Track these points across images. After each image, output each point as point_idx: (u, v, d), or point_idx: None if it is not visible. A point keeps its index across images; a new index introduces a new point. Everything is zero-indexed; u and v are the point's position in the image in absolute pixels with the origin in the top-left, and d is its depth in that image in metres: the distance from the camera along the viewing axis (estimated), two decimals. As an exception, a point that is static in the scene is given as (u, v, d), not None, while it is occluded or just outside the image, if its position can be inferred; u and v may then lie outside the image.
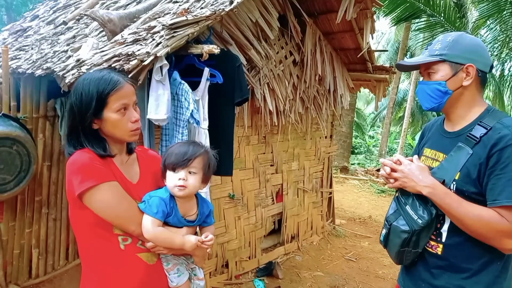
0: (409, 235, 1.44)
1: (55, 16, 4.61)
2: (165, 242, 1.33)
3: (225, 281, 3.79)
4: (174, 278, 1.43)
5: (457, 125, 1.48)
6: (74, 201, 1.28)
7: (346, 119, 10.06)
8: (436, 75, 1.46)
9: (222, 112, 2.75)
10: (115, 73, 1.36)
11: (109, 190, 1.27)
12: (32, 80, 3.05)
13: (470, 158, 1.35)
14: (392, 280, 4.18)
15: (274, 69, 3.70)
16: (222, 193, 3.71)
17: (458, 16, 7.76)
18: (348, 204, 7.31)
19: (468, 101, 1.45)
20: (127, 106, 1.33)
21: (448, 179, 1.40)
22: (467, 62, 1.40)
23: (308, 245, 4.92)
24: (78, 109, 1.29)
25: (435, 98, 1.47)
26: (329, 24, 4.18)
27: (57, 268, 3.46)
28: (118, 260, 1.33)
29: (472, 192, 1.35)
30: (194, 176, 1.36)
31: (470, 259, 1.39)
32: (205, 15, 2.30)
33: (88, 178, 1.23)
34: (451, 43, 1.43)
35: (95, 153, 1.30)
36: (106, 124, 1.31)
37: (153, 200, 1.33)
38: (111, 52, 2.26)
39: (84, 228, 1.34)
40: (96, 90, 1.28)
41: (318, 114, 4.52)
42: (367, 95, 23.78)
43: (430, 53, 1.48)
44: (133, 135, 1.36)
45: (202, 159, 1.38)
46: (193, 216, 1.45)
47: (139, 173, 1.45)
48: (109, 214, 1.27)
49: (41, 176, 3.22)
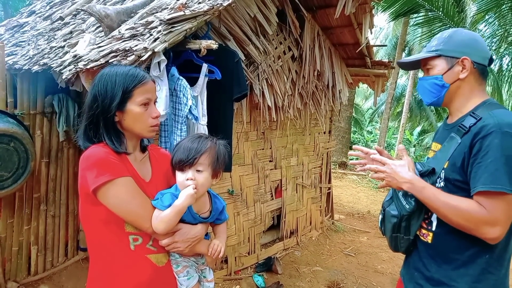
0: (398, 220, 1.51)
1: (52, 12, 4.57)
2: (173, 218, 1.28)
3: (224, 276, 3.80)
4: (183, 281, 1.42)
5: (455, 117, 1.52)
6: (87, 197, 1.27)
7: (345, 115, 10.06)
8: (433, 70, 1.51)
9: (221, 108, 2.74)
10: (140, 69, 1.38)
11: (124, 186, 1.26)
12: (29, 76, 3.03)
13: (458, 147, 1.39)
14: (391, 275, 4.19)
15: (272, 64, 3.69)
16: (221, 189, 3.71)
17: (456, 11, 7.73)
18: (347, 199, 7.33)
19: (465, 93, 1.48)
20: (149, 101, 1.35)
21: (438, 167, 1.45)
22: (462, 55, 1.44)
23: (307, 240, 4.93)
24: (103, 99, 1.28)
25: (434, 93, 1.52)
26: (328, 19, 4.17)
27: (56, 265, 3.46)
28: (127, 260, 1.32)
29: (457, 180, 1.38)
30: (202, 174, 1.34)
31: (458, 250, 1.40)
32: (203, 10, 2.28)
33: (104, 173, 1.22)
34: (447, 39, 1.49)
35: (111, 148, 1.29)
36: (127, 117, 1.32)
37: (166, 196, 1.33)
38: (108, 47, 2.24)
39: (95, 225, 1.33)
40: (123, 82, 1.29)
41: (316, 109, 4.51)
42: (365, 90, 23.78)
43: (428, 50, 1.54)
44: (151, 131, 1.37)
45: (208, 156, 1.34)
46: (207, 213, 1.44)
47: (151, 172, 1.45)
48: (123, 209, 1.26)
49: (39, 173, 3.21)
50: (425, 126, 20.83)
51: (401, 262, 4.85)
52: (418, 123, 21.43)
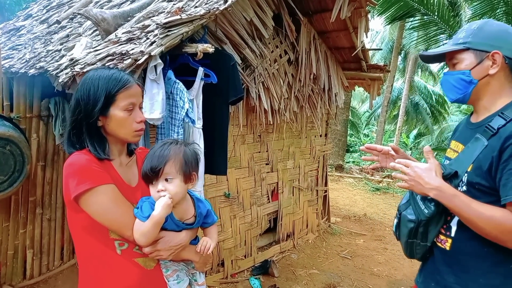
0: (415, 225, 1.40)
1: (49, 15, 4.58)
2: (152, 230, 1.24)
3: (221, 280, 3.80)
4: (173, 285, 1.39)
5: (481, 116, 1.40)
6: (71, 204, 1.26)
7: (341, 118, 10.09)
8: (460, 64, 1.39)
9: (217, 111, 2.75)
10: (124, 73, 1.36)
11: (106, 194, 1.24)
12: (25, 80, 3.03)
13: (484, 150, 1.28)
14: (387, 277, 4.21)
15: (269, 68, 3.71)
16: (217, 192, 3.71)
17: (452, 15, 7.79)
18: (343, 202, 7.34)
19: (494, 91, 1.36)
20: (134, 106, 1.32)
21: (461, 170, 1.34)
22: (493, 49, 1.32)
23: (304, 243, 4.93)
24: (85, 104, 1.26)
25: (460, 89, 1.40)
26: (324, 23, 4.19)
27: (52, 268, 3.45)
28: (115, 265, 1.30)
29: (481, 185, 1.28)
30: (172, 182, 1.27)
31: (478, 258, 1.31)
32: (200, 14, 2.29)
33: (84, 181, 1.21)
34: (476, 30, 1.36)
35: (93, 155, 1.27)
36: (111, 122, 1.29)
37: (145, 205, 1.28)
38: (105, 51, 2.25)
39: (80, 231, 1.32)
40: (106, 86, 1.27)
41: (313, 112, 4.53)
42: (362, 93, 23.86)
43: (454, 42, 1.41)
44: (136, 136, 1.35)
45: (173, 163, 1.27)
46: (191, 219, 1.39)
47: (138, 176, 1.42)
48: (105, 218, 1.24)
49: (35, 176, 3.20)
50: (421, 129, 20.93)
51: (397, 265, 4.86)
52: (414, 126, 21.53)
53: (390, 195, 8.28)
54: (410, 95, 18.01)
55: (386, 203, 7.57)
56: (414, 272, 4.30)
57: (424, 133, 20.69)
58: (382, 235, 5.58)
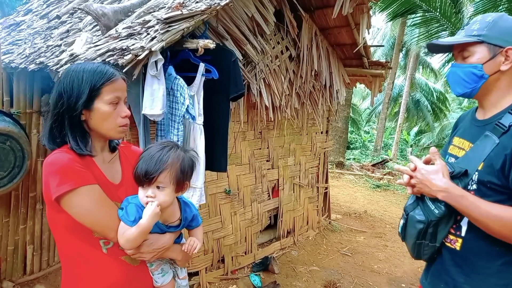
0: (425, 226, 1.37)
1: (49, 10, 4.56)
2: (139, 237, 1.23)
3: (221, 276, 3.80)
4: (158, 278, 1.41)
5: (488, 112, 1.37)
6: (52, 204, 1.21)
7: (342, 115, 10.07)
8: (472, 57, 1.34)
9: (217, 107, 2.73)
10: (110, 66, 1.32)
11: (88, 195, 1.19)
12: (25, 75, 3.02)
13: (495, 148, 1.25)
14: (387, 274, 4.21)
15: (270, 64, 3.69)
16: (218, 189, 3.71)
17: (454, 12, 7.76)
18: (344, 199, 7.34)
19: (503, 87, 1.34)
20: (119, 100, 1.28)
21: (471, 169, 1.31)
22: (508, 45, 1.28)
23: (304, 240, 4.94)
24: (68, 97, 1.22)
25: (469, 83, 1.36)
26: (325, 19, 4.17)
27: (52, 264, 3.45)
28: (101, 263, 1.28)
29: (494, 184, 1.25)
30: (164, 190, 1.24)
31: (489, 257, 1.29)
32: (200, 10, 2.28)
33: (66, 181, 1.15)
34: (491, 24, 1.31)
35: (75, 152, 1.22)
36: (94, 116, 1.24)
37: (130, 208, 1.25)
38: (105, 46, 2.24)
39: (63, 232, 1.27)
40: (91, 79, 1.22)
41: (314, 109, 4.51)
42: (362, 90, 23.83)
43: (467, 33, 1.35)
44: (120, 131, 1.30)
45: (169, 173, 1.23)
46: (177, 222, 1.37)
47: (121, 173, 1.38)
48: (87, 220, 1.20)
49: (35, 172, 3.20)
50: (422, 126, 20.93)
51: (398, 262, 4.86)
52: (415, 123, 21.53)
53: (390, 192, 8.28)
54: (411, 92, 17.99)
55: (387, 200, 7.57)
56: (414, 269, 4.33)
57: (425, 130, 20.69)
58: (382, 232, 5.58)
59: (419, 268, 4.29)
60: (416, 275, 4.20)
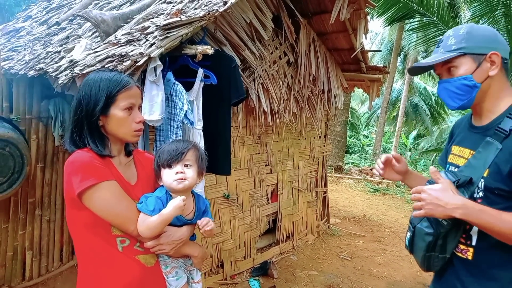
0: (434, 238, 1.34)
1: (48, 17, 4.58)
2: (159, 226, 1.31)
3: (220, 281, 3.80)
4: (172, 282, 1.43)
5: (485, 118, 1.37)
6: (72, 201, 1.28)
7: (340, 119, 10.10)
8: (459, 70, 1.35)
9: (219, 112, 2.75)
10: (125, 75, 1.43)
11: (109, 189, 1.28)
12: (25, 81, 3.04)
13: (499, 153, 1.25)
14: (386, 279, 4.21)
15: (268, 69, 3.71)
16: (217, 193, 3.71)
17: (451, 16, 7.80)
18: (343, 203, 7.34)
19: (496, 92, 1.35)
20: (133, 106, 1.38)
21: (475, 177, 1.29)
22: (489, 50, 1.31)
23: (303, 244, 4.93)
24: (87, 104, 1.32)
25: (463, 95, 1.35)
26: (323, 24, 4.20)
27: (51, 270, 3.44)
28: (116, 262, 1.33)
29: (502, 190, 1.24)
30: (191, 168, 1.41)
31: (503, 265, 1.27)
32: (199, 16, 2.30)
33: (88, 177, 1.24)
34: (466, 35, 1.34)
35: (95, 152, 1.32)
36: (111, 121, 1.34)
37: (150, 200, 1.35)
38: (104, 52, 2.25)
39: (81, 229, 1.34)
40: (107, 87, 1.32)
41: (312, 114, 4.53)
42: (361, 94, 23.89)
43: (446, 50, 1.37)
44: (135, 136, 1.40)
45: (194, 152, 1.43)
46: (191, 214, 1.46)
47: (136, 175, 1.47)
48: (108, 213, 1.28)
49: (34, 178, 3.20)
50: (420, 130, 20.95)
51: (397, 266, 4.85)
52: (413, 127, 21.56)
53: (389, 196, 8.28)
54: (410, 96, 18.03)
55: (386, 204, 7.57)
56: (413, 273, 4.33)
57: (423, 134, 20.70)
58: (381, 236, 5.58)
59: (418, 272, 4.29)
60: (415, 279, 4.20)
